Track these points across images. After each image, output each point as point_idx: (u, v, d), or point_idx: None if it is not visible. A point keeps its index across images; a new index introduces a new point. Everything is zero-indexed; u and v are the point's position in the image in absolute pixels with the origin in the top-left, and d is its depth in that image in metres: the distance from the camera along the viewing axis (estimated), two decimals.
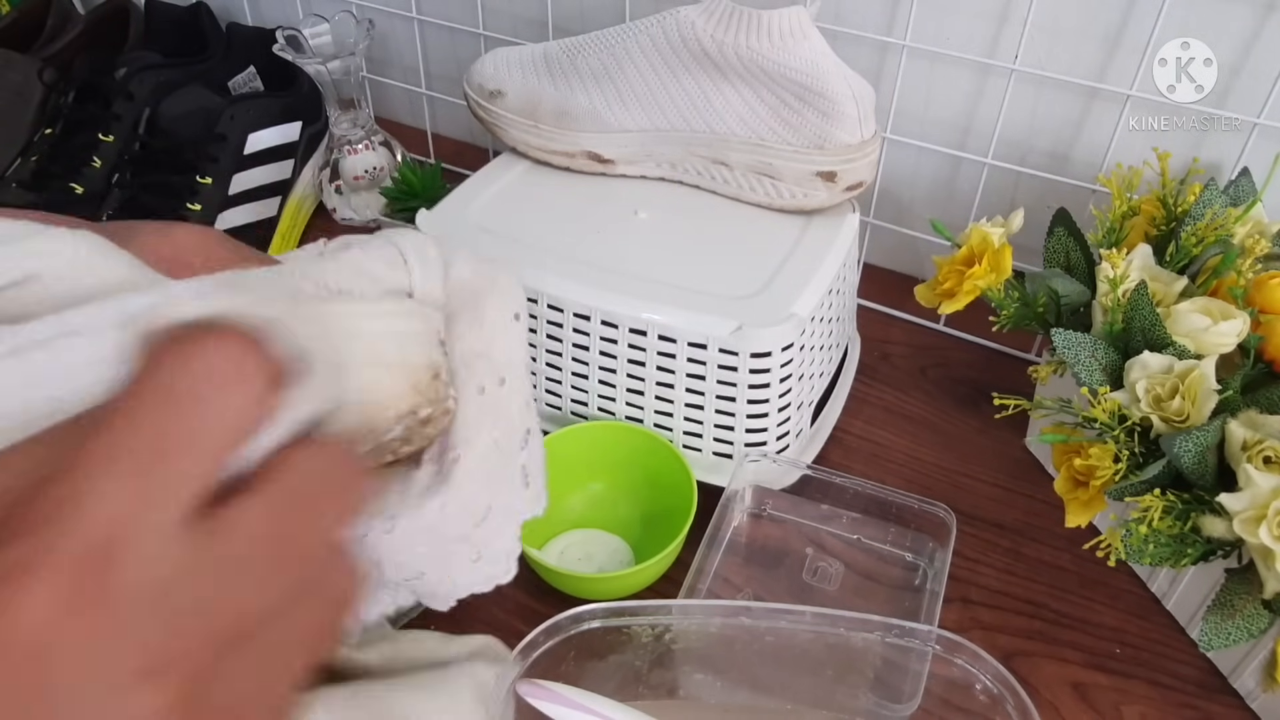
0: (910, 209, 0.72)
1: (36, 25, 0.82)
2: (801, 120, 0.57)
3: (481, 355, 0.39)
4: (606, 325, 0.53)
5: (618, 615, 0.41)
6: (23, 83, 0.76)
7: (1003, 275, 0.53)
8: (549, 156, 0.63)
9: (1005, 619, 0.52)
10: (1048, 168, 0.63)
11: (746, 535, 0.55)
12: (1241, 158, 0.56)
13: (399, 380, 0.33)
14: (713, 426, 0.54)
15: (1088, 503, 0.48)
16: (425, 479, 0.37)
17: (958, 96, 0.66)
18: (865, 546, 0.54)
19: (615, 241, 0.57)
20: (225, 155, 0.71)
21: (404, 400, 0.33)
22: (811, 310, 0.53)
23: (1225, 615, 0.43)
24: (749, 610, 0.41)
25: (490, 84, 0.63)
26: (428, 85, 0.83)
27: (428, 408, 0.34)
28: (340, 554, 0.25)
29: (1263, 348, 0.48)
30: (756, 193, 0.60)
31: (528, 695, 0.38)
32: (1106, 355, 0.48)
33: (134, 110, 0.71)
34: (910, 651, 0.41)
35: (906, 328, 0.71)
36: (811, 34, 0.55)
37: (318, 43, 0.71)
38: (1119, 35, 0.59)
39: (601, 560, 0.54)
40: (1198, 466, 0.44)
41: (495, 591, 0.52)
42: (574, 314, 0.54)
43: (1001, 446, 0.61)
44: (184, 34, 0.80)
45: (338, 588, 0.25)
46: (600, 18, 0.74)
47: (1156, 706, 0.48)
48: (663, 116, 0.60)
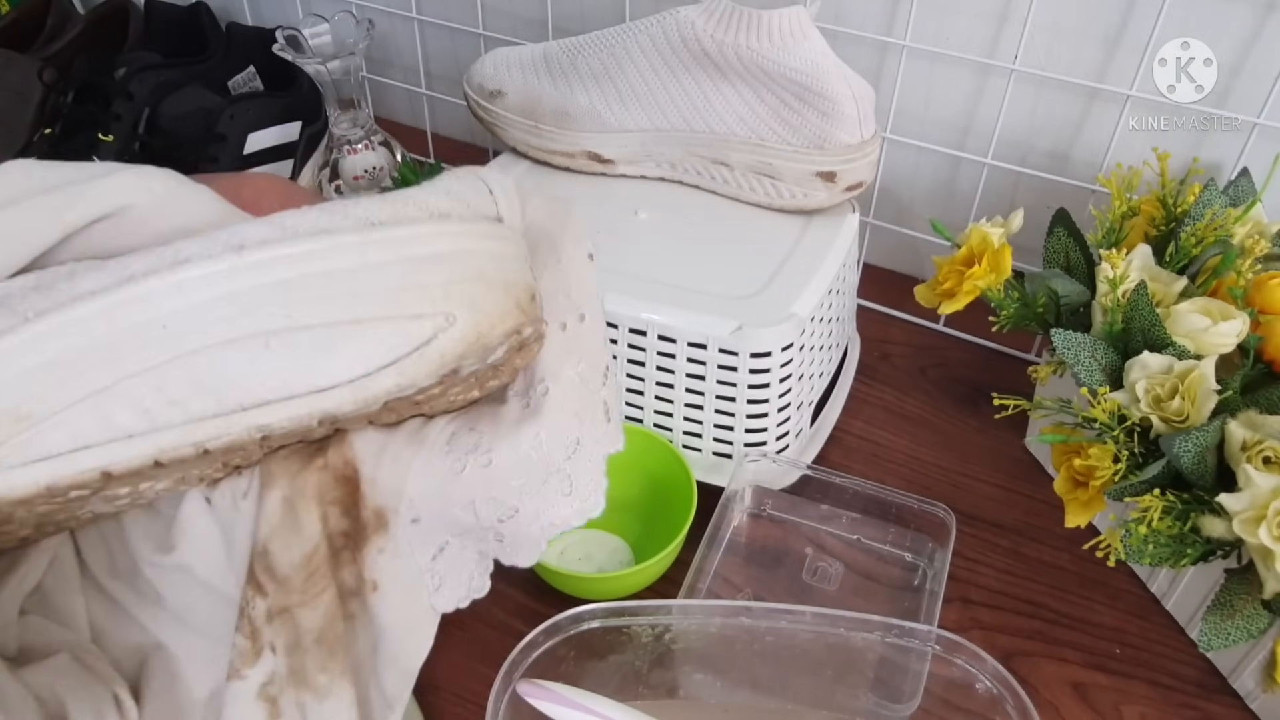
0: (910, 209, 0.72)
1: (36, 25, 0.82)
2: (801, 120, 0.57)
3: (561, 292, 0.39)
4: (606, 325, 0.53)
5: (618, 615, 0.41)
6: (23, 83, 0.75)
7: (1002, 275, 0.53)
8: (549, 156, 0.63)
9: (1005, 619, 0.52)
10: (1048, 168, 0.63)
11: (746, 535, 0.55)
12: (1241, 158, 0.56)
13: (503, 297, 0.33)
14: (712, 426, 0.54)
15: (1087, 503, 0.48)
16: (516, 412, 0.37)
17: (958, 96, 0.66)
18: (865, 546, 0.54)
19: (615, 241, 0.57)
20: (225, 155, 0.71)
21: (510, 317, 0.33)
22: (811, 310, 0.53)
23: (1225, 615, 0.43)
24: (749, 610, 0.41)
25: (490, 84, 0.63)
26: (428, 85, 0.83)
27: (529, 326, 0.35)
28: None
29: (1262, 348, 0.48)
30: (756, 193, 0.60)
31: (528, 695, 0.38)
32: (1106, 355, 0.48)
33: (134, 110, 0.71)
34: (910, 651, 0.41)
35: (906, 328, 0.71)
36: (811, 34, 0.55)
37: (318, 43, 0.71)
38: (1119, 35, 0.59)
39: (601, 560, 0.54)
40: (1197, 467, 0.44)
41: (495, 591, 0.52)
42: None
43: (1001, 446, 0.61)
44: (184, 34, 0.80)
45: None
46: (600, 18, 0.74)
47: (1156, 706, 0.48)
48: (663, 116, 0.60)
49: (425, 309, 0.32)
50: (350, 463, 0.37)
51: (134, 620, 0.40)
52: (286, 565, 0.37)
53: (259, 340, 0.32)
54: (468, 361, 0.33)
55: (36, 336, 0.31)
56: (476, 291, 0.33)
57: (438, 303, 0.32)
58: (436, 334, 0.32)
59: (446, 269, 0.33)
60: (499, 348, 0.34)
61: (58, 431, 0.31)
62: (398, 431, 0.37)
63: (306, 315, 0.32)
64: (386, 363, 0.32)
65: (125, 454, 0.32)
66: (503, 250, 0.35)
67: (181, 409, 0.32)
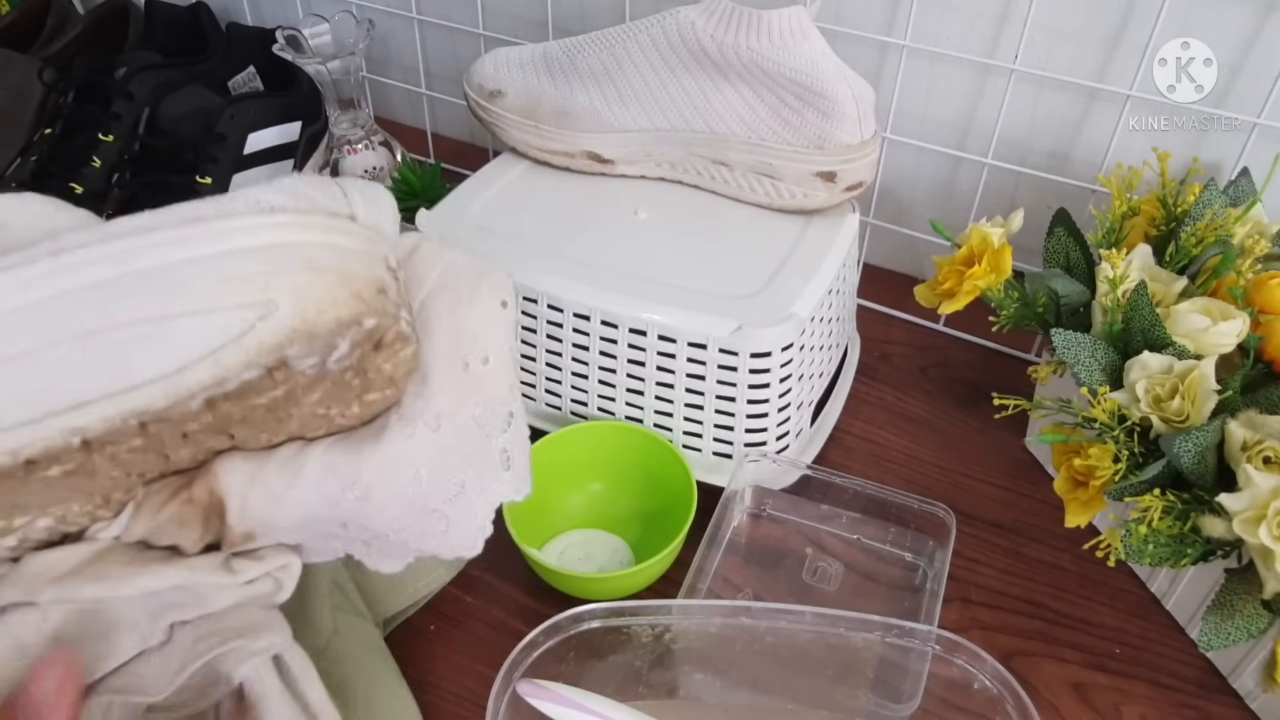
0: (910, 209, 0.72)
1: (36, 25, 0.82)
2: (801, 120, 0.57)
3: (468, 332, 0.39)
4: (606, 325, 0.53)
5: (618, 615, 0.41)
6: (23, 83, 0.75)
7: (1003, 275, 0.53)
8: (549, 156, 0.63)
9: (1005, 619, 0.52)
10: (1048, 168, 0.63)
11: (746, 535, 0.55)
12: (1241, 158, 0.56)
13: (335, 286, 0.33)
14: (712, 426, 0.54)
15: (1087, 503, 0.48)
16: (399, 443, 0.37)
17: (958, 96, 0.66)
18: (865, 546, 0.54)
19: (615, 241, 0.57)
20: (225, 155, 0.71)
21: (344, 305, 0.33)
22: (811, 310, 0.53)
23: (1225, 615, 0.43)
24: (749, 610, 0.41)
25: (490, 84, 0.63)
26: (428, 85, 0.83)
27: (373, 319, 0.34)
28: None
29: (1262, 348, 0.48)
30: (756, 193, 0.60)
31: (528, 695, 0.38)
32: (1106, 355, 0.48)
33: (134, 110, 0.71)
34: (910, 651, 0.42)
35: (906, 328, 0.71)
36: (811, 34, 0.55)
37: (318, 43, 0.71)
38: (1119, 35, 0.59)
39: (601, 560, 0.54)
40: (1197, 467, 0.44)
41: (495, 591, 0.53)
42: (574, 314, 0.54)
43: (1001, 446, 0.61)
44: (184, 34, 0.80)
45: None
46: (600, 18, 0.74)
47: (1156, 706, 0.48)
48: (663, 116, 0.60)
49: (245, 299, 0.32)
50: (216, 493, 0.36)
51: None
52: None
53: (76, 342, 0.31)
54: (295, 351, 0.32)
55: None
56: (302, 280, 0.32)
57: (256, 292, 0.32)
58: (255, 323, 0.32)
59: (269, 258, 0.32)
60: (339, 340, 0.33)
61: None
62: (269, 460, 0.37)
63: (122, 314, 0.31)
64: (202, 355, 0.32)
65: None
66: (342, 243, 0.34)
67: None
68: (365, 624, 0.47)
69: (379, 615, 0.49)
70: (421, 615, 0.51)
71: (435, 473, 0.38)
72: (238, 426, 0.35)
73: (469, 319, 0.39)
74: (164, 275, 0.31)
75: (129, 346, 0.31)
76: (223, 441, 0.36)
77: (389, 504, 0.37)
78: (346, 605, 0.47)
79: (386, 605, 0.49)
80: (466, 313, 0.39)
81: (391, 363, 0.36)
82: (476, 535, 0.40)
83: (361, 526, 0.38)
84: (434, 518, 0.38)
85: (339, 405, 0.36)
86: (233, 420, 0.35)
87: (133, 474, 0.36)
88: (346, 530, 0.39)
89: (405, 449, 0.37)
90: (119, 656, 0.36)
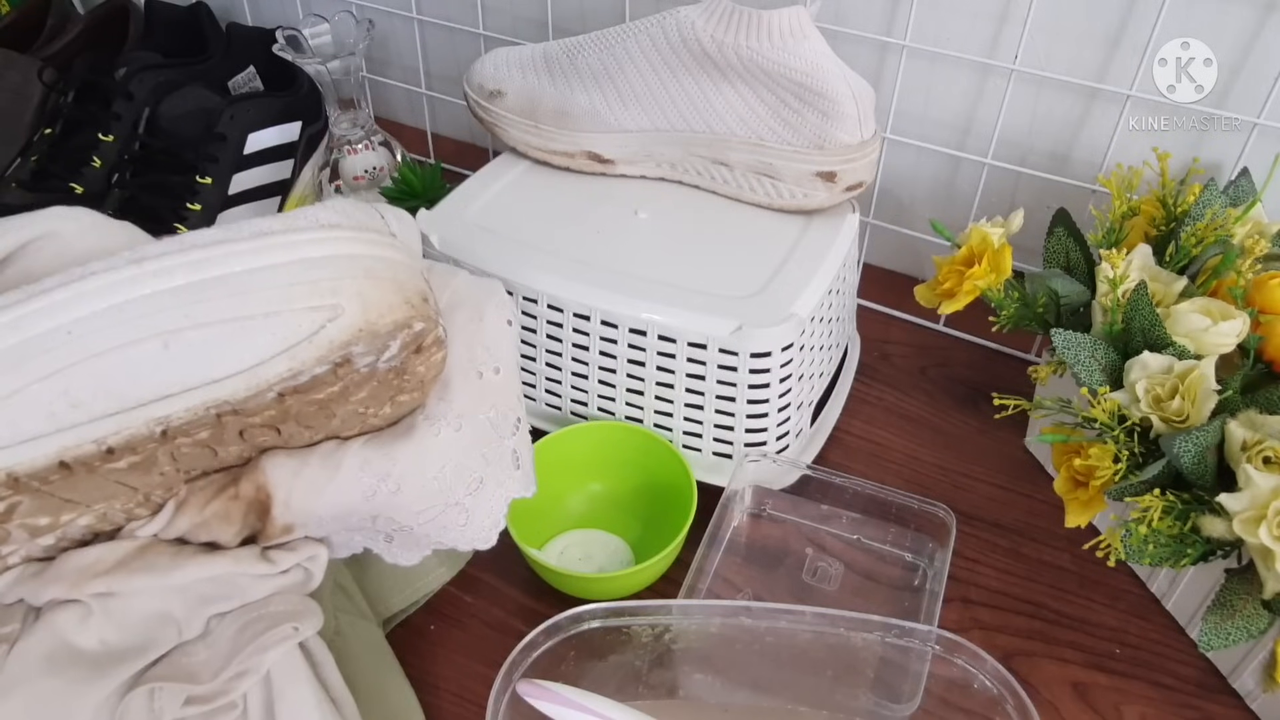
0: (910, 209, 0.72)
1: (36, 25, 0.82)
2: (801, 120, 0.57)
3: (481, 345, 0.44)
4: (606, 325, 0.53)
5: (618, 615, 0.41)
6: (22, 83, 0.75)
7: (1002, 275, 0.53)
8: (549, 156, 0.63)
9: (1005, 619, 0.52)
10: (1048, 168, 0.63)
11: (746, 535, 0.55)
12: (1241, 158, 0.56)
13: (391, 293, 0.37)
14: (712, 426, 0.54)
15: (1087, 503, 0.48)
16: (427, 440, 0.41)
17: (958, 96, 0.66)
18: (865, 546, 0.54)
19: (615, 241, 0.57)
20: (225, 155, 0.71)
21: (399, 310, 0.37)
22: (811, 310, 0.53)
23: (1225, 615, 0.43)
24: (749, 610, 0.41)
25: (490, 84, 0.63)
26: (428, 85, 0.83)
27: (421, 323, 0.37)
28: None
29: (1262, 348, 0.48)
30: (756, 193, 0.60)
31: (528, 695, 0.38)
32: (1106, 355, 0.48)
33: (134, 110, 0.71)
34: (910, 651, 0.42)
35: (906, 328, 0.71)
36: (811, 34, 0.55)
37: (318, 43, 0.71)
38: (1119, 35, 0.59)
39: (601, 560, 0.54)
40: (1197, 467, 0.44)
41: (495, 591, 0.53)
42: (574, 314, 0.54)
43: (1001, 446, 0.61)
44: (184, 34, 0.80)
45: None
46: (600, 18, 0.74)
47: (1156, 706, 0.48)
48: (663, 116, 0.60)
49: (315, 302, 0.35)
50: (264, 488, 0.39)
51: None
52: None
53: (158, 340, 0.34)
54: (359, 349, 0.36)
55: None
56: (364, 286, 0.36)
57: (326, 296, 0.35)
58: (325, 323, 0.35)
59: (335, 267, 0.36)
60: (392, 341, 0.37)
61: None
62: (311, 455, 0.40)
63: (202, 315, 0.35)
64: (278, 351, 0.35)
65: (29, 455, 0.34)
66: (392, 256, 0.38)
67: (84, 410, 0.34)
68: (369, 625, 0.47)
69: (379, 615, 0.49)
70: (421, 615, 0.51)
71: (458, 468, 0.41)
72: (290, 422, 0.38)
73: (482, 333, 0.44)
74: (241, 281, 0.35)
75: (210, 344, 0.35)
76: (271, 438, 0.39)
77: (418, 497, 0.41)
78: (349, 607, 0.47)
79: (387, 605, 0.50)
80: (479, 328, 0.44)
81: (425, 365, 0.40)
82: (491, 529, 0.43)
83: (390, 519, 0.41)
84: (455, 510, 0.42)
85: (375, 405, 0.40)
86: (290, 414, 0.38)
87: (181, 470, 0.38)
88: (375, 523, 0.42)
89: (432, 445, 0.41)
90: (160, 648, 0.39)
